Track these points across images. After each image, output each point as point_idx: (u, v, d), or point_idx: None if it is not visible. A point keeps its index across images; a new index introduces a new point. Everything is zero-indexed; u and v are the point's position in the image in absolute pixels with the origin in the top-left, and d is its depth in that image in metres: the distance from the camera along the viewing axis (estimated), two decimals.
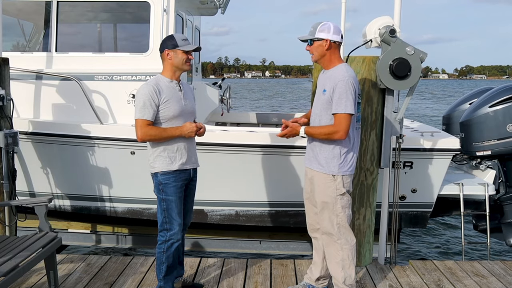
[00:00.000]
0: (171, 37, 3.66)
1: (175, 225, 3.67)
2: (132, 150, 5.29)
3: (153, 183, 3.71)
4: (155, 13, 5.55)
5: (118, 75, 5.55)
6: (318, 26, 3.58)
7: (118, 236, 6.24)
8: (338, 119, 3.50)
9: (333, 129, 3.50)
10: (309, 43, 3.62)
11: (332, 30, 3.56)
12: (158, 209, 3.70)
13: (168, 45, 3.62)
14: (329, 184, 3.64)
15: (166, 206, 3.65)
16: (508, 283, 4.36)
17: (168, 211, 3.65)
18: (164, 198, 3.64)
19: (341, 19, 7.31)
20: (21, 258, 3.46)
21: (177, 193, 3.66)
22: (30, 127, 5.43)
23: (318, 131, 3.58)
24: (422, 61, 4.34)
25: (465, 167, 6.23)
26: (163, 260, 3.71)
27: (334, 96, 3.49)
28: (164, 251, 3.69)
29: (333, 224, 3.69)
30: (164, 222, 3.68)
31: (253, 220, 5.63)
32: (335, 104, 3.50)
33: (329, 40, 3.56)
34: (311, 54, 3.67)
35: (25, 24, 6.38)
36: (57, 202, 5.77)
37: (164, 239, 3.70)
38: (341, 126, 3.48)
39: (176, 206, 3.66)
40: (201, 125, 3.70)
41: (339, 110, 3.48)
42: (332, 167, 3.61)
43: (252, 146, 5.22)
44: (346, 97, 3.46)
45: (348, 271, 3.75)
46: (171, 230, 3.68)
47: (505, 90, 5.64)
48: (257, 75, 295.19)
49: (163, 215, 3.67)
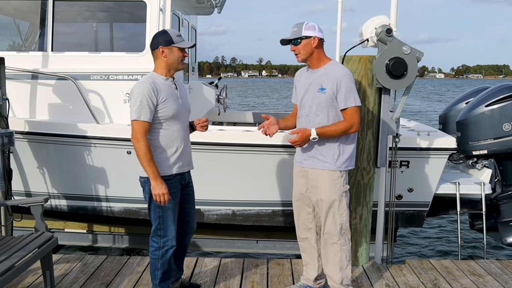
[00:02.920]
0: (165, 32, 3.43)
1: (169, 232, 3.50)
2: (129, 149, 5.27)
3: (143, 189, 3.50)
4: (151, 13, 5.54)
5: (114, 74, 5.53)
6: (303, 25, 3.57)
7: (115, 236, 6.23)
8: (350, 113, 3.53)
9: (348, 124, 3.53)
10: (294, 42, 3.59)
11: (317, 28, 3.59)
12: (152, 215, 3.50)
13: (162, 41, 3.38)
14: (337, 181, 3.63)
15: (162, 213, 3.46)
16: (505, 282, 4.37)
17: (164, 218, 3.47)
18: (160, 205, 3.42)
19: (338, 19, 7.32)
20: (17, 258, 3.44)
21: (173, 199, 3.46)
22: (26, 127, 5.42)
23: (333, 128, 3.53)
24: (418, 61, 4.35)
25: (462, 166, 6.24)
26: (158, 267, 3.54)
27: (341, 92, 3.51)
28: (159, 258, 3.53)
29: (336, 224, 3.67)
30: (158, 229, 3.50)
31: (249, 220, 5.63)
32: (344, 99, 3.51)
33: (317, 37, 3.56)
34: (296, 54, 3.62)
35: (21, 23, 6.36)
36: (53, 202, 5.76)
37: (158, 246, 3.52)
38: (355, 119, 3.54)
39: (172, 213, 3.49)
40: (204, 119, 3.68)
41: (349, 104, 3.52)
42: (339, 163, 3.61)
43: (248, 146, 5.22)
44: (353, 90, 3.53)
45: (346, 272, 3.75)
46: (165, 237, 3.50)
47: (501, 90, 5.66)
48: (253, 75, 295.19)
49: (158, 222, 3.47)
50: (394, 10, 4.49)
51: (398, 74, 4.30)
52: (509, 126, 5.51)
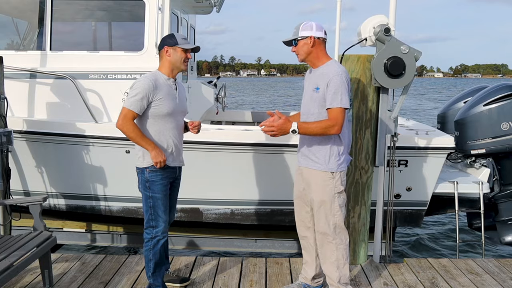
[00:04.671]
0: (172, 35, 3.70)
1: (160, 222, 3.72)
2: (127, 149, 5.28)
3: (139, 179, 3.73)
4: (150, 12, 5.53)
5: (113, 73, 5.53)
6: (300, 26, 3.60)
7: (113, 235, 6.23)
8: (334, 114, 3.48)
9: (329, 123, 3.48)
10: (294, 43, 3.64)
11: (315, 28, 3.58)
12: (144, 206, 3.74)
13: (168, 42, 3.66)
14: (328, 182, 3.63)
15: (153, 203, 3.69)
16: (502, 280, 4.38)
17: (155, 208, 3.69)
18: (151, 196, 3.67)
19: (337, 18, 7.33)
20: (15, 257, 3.45)
21: (163, 191, 3.70)
22: (24, 126, 5.41)
23: (313, 125, 3.52)
24: (416, 60, 4.36)
25: (460, 165, 6.25)
26: (150, 257, 3.75)
27: (329, 91, 3.48)
28: (151, 248, 3.74)
29: (329, 224, 3.68)
30: (150, 219, 3.72)
31: (248, 219, 5.63)
32: (330, 98, 3.48)
33: (313, 36, 3.57)
34: (297, 55, 3.68)
35: (20, 22, 6.35)
36: (51, 201, 5.75)
37: (150, 237, 3.74)
38: (338, 120, 3.47)
39: (162, 203, 3.70)
40: (198, 122, 3.86)
41: (335, 104, 3.47)
42: (331, 164, 3.61)
43: (247, 145, 5.22)
44: (341, 92, 3.46)
45: (343, 271, 3.75)
46: (157, 227, 3.72)
47: (500, 89, 5.66)
48: (252, 74, 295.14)
49: (149, 212, 3.71)
50: (393, 9, 4.50)
51: (396, 73, 4.31)
52: (507, 125, 5.52)
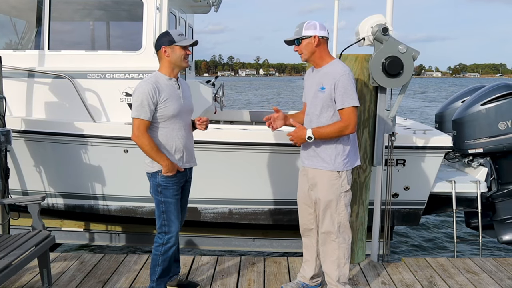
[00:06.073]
0: (167, 33, 3.55)
1: (173, 228, 3.61)
2: (125, 148, 5.28)
3: (150, 183, 3.61)
4: (148, 11, 5.54)
5: (111, 73, 5.53)
6: (303, 25, 3.59)
7: (112, 234, 6.23)
8: (347, 114, 3.50)
9: (343, 125, 3.50)
10: (297, 43, 3.63)
11: (319, 27, 3.58)
12: (156, 211, 3.62)
13: (164, 41, 3.51)
14: (334, 181, 3.63)
15: (165, 208, 3.58)
16: (500, 279, 4.39)
17: (167, 213, 3.58)
18: (163, 201, 3.57)
19: (334, 17, 7.34)
20: (14, 256, 3.45)
21: (175, 195, 3.61)
22: (22, 125, 5.41)
23: (328, 130, 3.52)
24: (414, 59, 4.36)
25: (457, 164, 6.26)
26: (158, 263, 3.65)
27: (338, 91, 3.49)
28: (161, 254, 3.63)
29: (334, 222, 3.69)
30: (162, 225, 3.61)
31: (246, 218, 5.64)
32: (341, 99, 3.49)
33: (317, 36, 3.56)
34: (300, 54, 3.66)
35: (18, 21, 6.35)
36: (50, 200, 5.75)
37: (162, 242, 3.63)
38: (351, 120, 3.50)
39: (175, 208, 3.60)
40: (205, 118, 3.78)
41: (347, 104, 3.49)
42: (337, 163, 3.62)
43: (245, 144, 5.23)
44: (351, 91, 3.49)
45: (343, 270, 3.77)
46: (169, 233, 3.61)
47: (498, 88, 5.67)
48: (251, 73, 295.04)
49: (162, 218, 3.60)
50: (390, 9, 4.50)
51: (394, 73, 4.32)
52: (504, 125, 5.53)
